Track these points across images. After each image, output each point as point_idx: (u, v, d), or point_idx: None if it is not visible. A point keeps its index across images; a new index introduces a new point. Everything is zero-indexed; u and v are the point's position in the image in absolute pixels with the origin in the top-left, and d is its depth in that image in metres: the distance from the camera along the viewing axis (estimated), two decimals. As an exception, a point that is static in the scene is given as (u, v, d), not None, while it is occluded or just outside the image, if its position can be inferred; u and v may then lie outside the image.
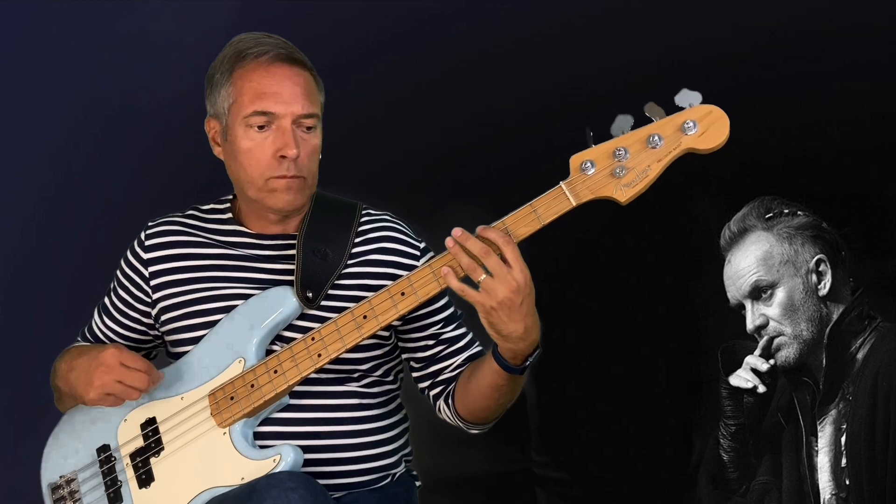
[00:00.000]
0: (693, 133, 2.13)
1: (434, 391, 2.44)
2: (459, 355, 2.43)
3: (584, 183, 2.15)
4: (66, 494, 2.41)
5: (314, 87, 2.36)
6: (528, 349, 2.19)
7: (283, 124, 2.30)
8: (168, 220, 2.49)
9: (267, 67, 2.31)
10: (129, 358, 2.31)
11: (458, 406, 2.39)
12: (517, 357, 2.20)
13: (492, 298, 2.10)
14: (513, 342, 2.16)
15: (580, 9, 3.43)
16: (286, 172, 2.31)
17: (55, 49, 3.65)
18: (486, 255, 2.10)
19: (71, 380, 2.36)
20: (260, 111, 2.30)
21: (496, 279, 2.09)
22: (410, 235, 2.46)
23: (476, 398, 2.34)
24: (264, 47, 2.33)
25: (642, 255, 3.45)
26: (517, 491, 3.62)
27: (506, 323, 2.12)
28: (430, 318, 2.42)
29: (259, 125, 2.30)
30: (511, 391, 2.30)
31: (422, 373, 2.45)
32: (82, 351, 2.42)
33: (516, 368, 2.22)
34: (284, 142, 2.30)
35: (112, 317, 2.52)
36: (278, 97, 2.30)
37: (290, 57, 2.33)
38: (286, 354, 2.27)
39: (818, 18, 3.23)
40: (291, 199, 2.34)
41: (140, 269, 2.46)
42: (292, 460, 2.23)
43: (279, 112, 2.30)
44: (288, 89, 2.31)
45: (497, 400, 2.31)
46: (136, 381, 2.30)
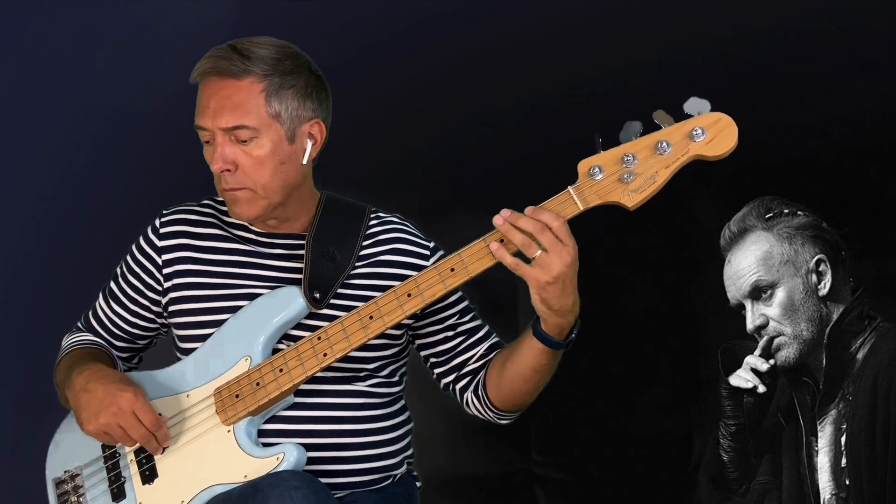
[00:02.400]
0: (701, 140, 2.14)
1: (460, 384, 2.44)
2: (481, 345, 2.43)
3: (591, 188, 2.16)
4: (70, 490, 2.41)
5: (251, 98, 2.28)
6: (573, 321, 2.22)
7: (216, 139, 2.30)
8: (184, 209, 2.48)
9: (202, 82, 2.32)
10: (142, 409, 2.28)
11: (491, 396, 2.39)
12: (563, 332, 2.23)
13: (547, 273, 2.12)
14: (562, 316, 2.18)
15: (580, 9, 3.43)
16: (224, 186, 2.33)
17: (55, 49, 3.65)
18: (542, 232, 2.12)
19: (81, 400, 2.32)
20: (197, 126, 2.32)
21: (551, 254, 2.11)
22: (420, 236, 2.46)
23: (515, 384, 2.34)
24: (204, 62, 2.31)
25: (642, 254, 3.45)
26: (517, 491, 3.62)
27: (558, 297, 2.14)
28: (446, 311, 2.42)
29: (205, 140, 2.33)
30: (550, 370, 2.32)
31: (444, 367, 2.45)
32: (103, 373, 2.36)
33: (563, 343, 2.24)
34: (209, 157, 2.33)
35: (120, 302, 2.50)
36: (205, 111, 2.29)
37: (216, 69, 2.29)
38: (292, 353, 2.28)
39: (818, 18, 3.23)
40: (239, 211, 2.35)
41: (153, 256, 2.44)
42: (295, 459, 2.23)
43: (207, 126, 2.30)
44: (214, 103, 2.29)
45: (537, 382, 2.32)
46: (138, 435, 2.28)
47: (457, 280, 2.21)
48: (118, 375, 2.38)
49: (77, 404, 2.33)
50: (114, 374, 2.37)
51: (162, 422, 2.30)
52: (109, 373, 2.37)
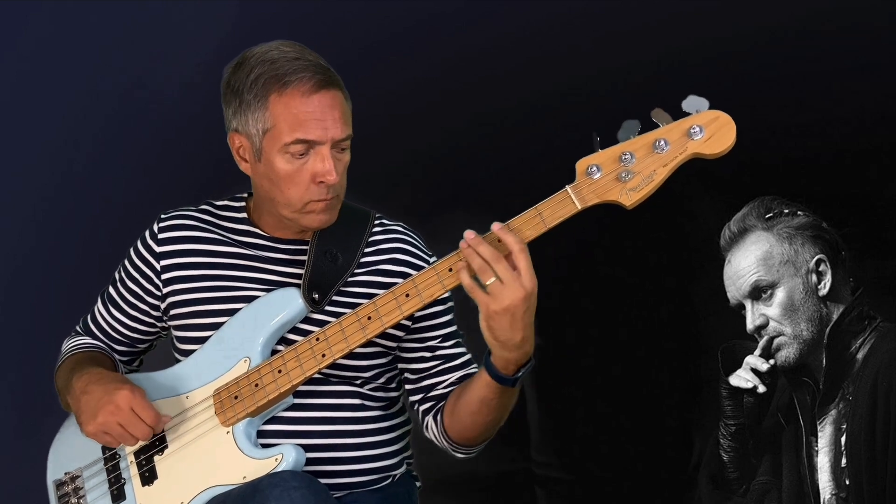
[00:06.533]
0: (699, 138, 2.13)
1: (424, 406, 2.42)
2: (454, 373, 2.41)
3: (589, 187, 2.15)
4: (71, 491, 2.42)
5: (347, 107, 2.32)
6: (521, 359, 2.18)
7: (323, 151, 2.27)
8: (182, 214, 2.47)
9: (309, 95, 2.26)
10: (140, 405, 2.28)
11: (446, 424, 2.37)
12: (509, 366, 2.18)
13: (497, 303, 2.09)
14: (508, 350, 2.15)
15: (580, 9, 3.43)
16: (325, 196, 2.30)
17: (55, 49, 3.65)
18: (497, 261, 2.10)
19: (81, 403, 2.33)
20: (301, 139, 2.26)
21: (505, 285, 2.09)
22: (421, 248, 2.45)
23: (464, 415, 2.32)
24: (304, 73, 2.26)
25: (642, 255, 3.45)
26: (517, 491, 3.62)
27: (506, 330, 2.11)
28: (430, 331, 2.41)
29: (300, 153, 2.27)
30: (499, 407, 2.27)
31: (414, 386, 2.44)
32: (101, 375, 2.37)
33: (508, 379, 2.20)
34: (325, 169, 2.27)
35: (119, 308, 2.50)
36: (320, 124, 2.26)
37: (328, 82, 2.28)
38: (291, 354, 2.28)
39: (818, 18, 3.23)
40: (327, 218, 2.34)
41: (152, 261, 2.44)
42: (294, 460, 2.23)
43: (320, 139, 2.26)
44: (329, 114, 2.27)
45: (485, 416, 2.29)
46: (138, 431, 2.28)
47: (454, 281, 2.20)
48: (117, 376, 2.38)
49: (77, 407, 2.34)
50: (112, 376, 2.37)
51: (162, 418, 2.31)
52: (108, 374, 2.38)
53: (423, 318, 2.39)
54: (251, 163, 2.35)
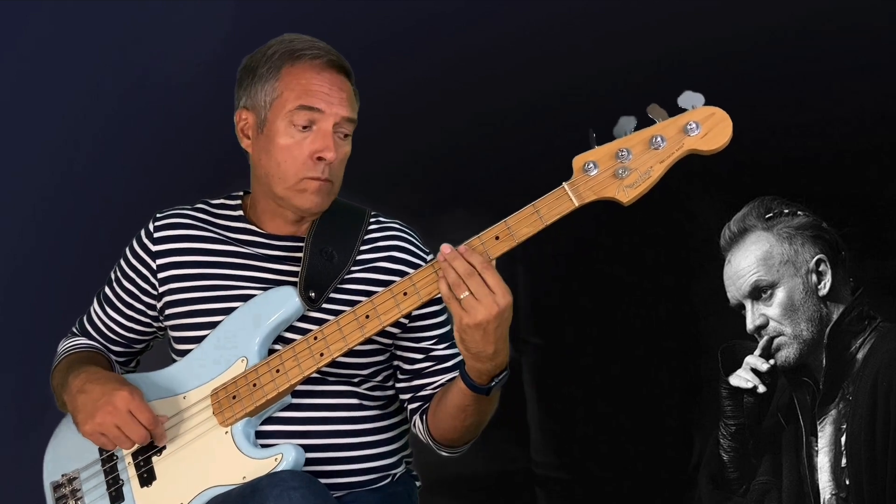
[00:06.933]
0: (696, 134, 2.13)
1: (413, 405, 2.43)
2: (444, 375, 2.42)
3: (586, 184, 2.15)
4: (68, 493, 2.41)
5: (354, 98, 2.38)
6: (494, 370, 2.18)
7: (325, 126, 2.31)
8: (178, 213, 2.47)
9: (319, 70, 2.33)
10: (138, 408, 2.28)
11: (429, 424, 2.38)
12: (482, 376, 2.19)
13: (470, 317, 2.10)
14: (480, 361, 2.16)
15: (580, 9, 3.43)
16: (320, 175, 2.32)
17: (55, 49, 3.65)
18: (469, 276, 2.11)
19: (77, 402, 2.33)
20: (307, 106, 2.30)
21: (478, 300, 2.09)
22: (418, 245, 2.46)
23: (444, 418, 2.33)
24: (318, 51, 2.35)
25: (642, 254, 3.45)
26: (517, 491, 3.62)
27: (478, 343, 2.12)
28: (425, 331, 2.42)
29: (303, 125, 2.31)
30: (477, 413, 2.29)
31: (405, 385, 2.44)
32: (99, 375, 2.37)
33: (482, 388, 2.21)
34: (325, 144, 2.31)
35: (115, 307, 2.50)
36: (326, 97, 2.31)
37: (340, 65, 2.36)
38: (288, 354, 2.27)
39: (818, 18, 3.23)
40: (320, 201, 2.35)
41: (147, 260, 2.44)
42: (293, 459, 2.22)
43: (325, 110, 2.31)
44: (336, 93, 2.32)
45: (463, 421, 2.30)
46: (134, 434, 2.28)
47: None
48: (115, 377, 2.38)
49: (74, 406, 2.34)
50: (110, 376, 2.37)
51: (158, 420, 2.30)
52: (106, 374, 2.38)
53: (419, 317, 2.39)
54: (253, 138, 2.38)
